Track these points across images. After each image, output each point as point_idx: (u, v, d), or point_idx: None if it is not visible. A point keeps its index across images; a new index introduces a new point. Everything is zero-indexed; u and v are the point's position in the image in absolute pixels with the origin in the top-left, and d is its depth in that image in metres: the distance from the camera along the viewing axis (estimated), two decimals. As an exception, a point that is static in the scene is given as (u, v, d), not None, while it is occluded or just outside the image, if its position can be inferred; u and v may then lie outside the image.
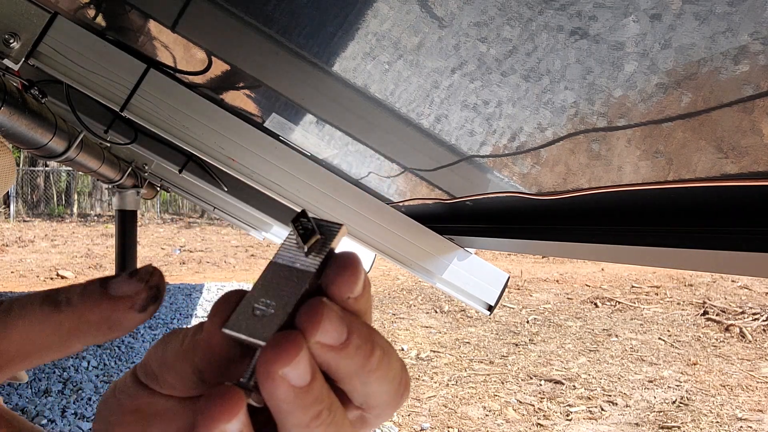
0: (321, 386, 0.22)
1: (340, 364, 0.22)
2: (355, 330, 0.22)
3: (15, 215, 16.22)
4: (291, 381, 0.21)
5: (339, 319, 0.22)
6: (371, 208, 1.37)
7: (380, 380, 0.23)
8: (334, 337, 0.21)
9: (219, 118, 1.26)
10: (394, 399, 0.24)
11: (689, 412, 3.88)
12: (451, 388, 4.29)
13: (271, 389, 0.20)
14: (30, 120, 1.86)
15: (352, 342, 0.22)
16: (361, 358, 0.22)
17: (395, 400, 0.24)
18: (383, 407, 0.24)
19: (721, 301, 6.53)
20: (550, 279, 8.40)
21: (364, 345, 0.22)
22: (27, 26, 1.06)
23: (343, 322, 0.22)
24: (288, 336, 0.21)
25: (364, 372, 0.22)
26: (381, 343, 0.23)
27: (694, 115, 0.46)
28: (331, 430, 0.22)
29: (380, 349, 0.23)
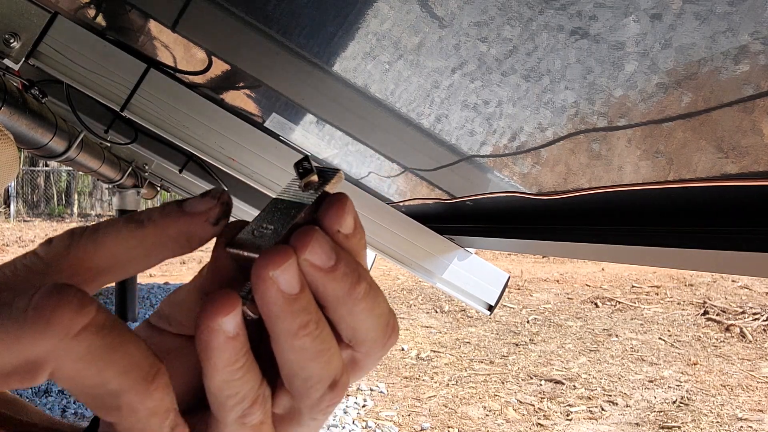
0: (309, 299, 0.24)
1: (327, 287, 0.24)
2: (343, 259, 0.24)
3: (15, 215, 16.22)
4: (280, 285, 0.23)
5: (327, 244, 0.24)
6: (371, 208, 1.37)
7: (366, 313, 0.25)
8: (322, 259, 0.24)
9: (219, 118, 1.26)
10: (381, 337, 0.26)
11: (689, 412, 3.88)
12: (452, 388, 4.29)
13: (263, 290, 0.23)
14: (30, 120, 1.86)
15: (339, 268, 0.24)
16: (347, 285, 0.24)
17: (382, 338, 0.26)
18: (371, 344, 0.26)
19: (721, 301, 6.52)
20: (550, 279, 8.40)
21: (351, 273, 0.24)
22: (27, 26, 1.06)
23: (331, 248, 0.24)
24: (280, 247, 0.23)
25: (350, 300, 0.24)
26: (368, 278, 0.25)
27: (695, 115, 0.46)
28: (318, 344, 0.24)
29: (367, 283, 0.25)
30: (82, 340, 0.21)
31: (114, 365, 0.21)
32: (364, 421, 3.66)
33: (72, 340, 0.20)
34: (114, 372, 0.21)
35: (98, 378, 0.21)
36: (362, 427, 3.58)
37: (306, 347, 0.24)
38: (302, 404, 0.26)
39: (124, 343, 0.22)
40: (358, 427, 3.57)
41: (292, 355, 0.24)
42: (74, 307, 0.20)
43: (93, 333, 0.21)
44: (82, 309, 0.21)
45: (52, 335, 0.20)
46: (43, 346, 0.20)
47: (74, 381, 0.21)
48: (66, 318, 0.20)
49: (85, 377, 0.21)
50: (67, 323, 0.20)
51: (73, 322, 0.20)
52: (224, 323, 0.23)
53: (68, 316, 0.20)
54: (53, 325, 0.20)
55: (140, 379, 0.22)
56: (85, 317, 0.21)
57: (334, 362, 0.25)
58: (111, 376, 0.21)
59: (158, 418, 0.22)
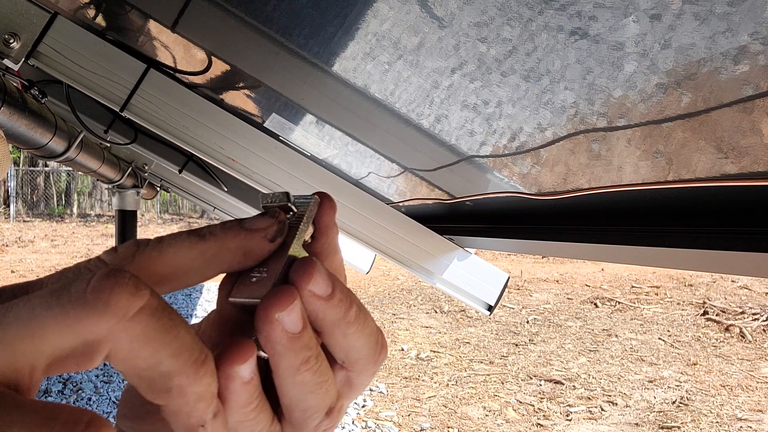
0: (310, 336, 0.25)
1: (326, 313, 0.26)
2: (337, 285, 0.26)
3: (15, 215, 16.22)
4: (285, 326, 0.24)
5: (326, 273, 0.26)
6: (371, 208, 1.37)
7: (358, 334, 0.27)
8: (322, 288, 0.26)
9: (219, 118, 1.26)
10: (372, 354, 0.28)
11: (689, 412, 3.88)
12: (451, 388, 4.29)
13: (268, 332, 0.24)
14: (30, 120, 1.86)
15: (336, 295, 0.26)
16: (342, 310, 0.26)
17: (373, 355, 0.28)
18: (363, 363, 0.28)
19: (721, 301, 6.53)
20: (550, 279, 8.40)
21: (345, 299, 0.26)
22: (27, 26, 1.06)
23: (329, 276, 0.26)
24: (283, 288, 0.25)
25: (344, 323, 0.26)
26: (357, 301, 0.27)
27: (694, 115, 0.46)
28: (317, 377, 0.26)
29: (357, 306, 0.27)
30: (139, 321, 0.21)
31: (167, 347, 0.22)
32: (363, 422, 3.66)
33: (129, 322, 0.21)
34: (167, 353, 0.22)
35: (152, 359, 0.22)
36: (362, 427, 3.58)
37: (306, 381, 0.26)
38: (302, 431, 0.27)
39: (176, 326, 0.22)
40: (357, 427, 3.57)
41: (294, 389, 0.26)
42: (130, 290, 0.21)
43: (148, 315, 0.22)
44: (137, 292, 0.21)
45: (111, 316, 0.21)
46: (103, 327, 0.21)
47: (129, 362, 0.22)
48: (123, 300, 0.21)
49: (140, 358, 0.22)
50: (124, 305, 0.21)
51: (131, 304, 0.21)
52: (241, 370, 0.24)
53: (125, 298, 0.21)
54: (112, 307, 0.21)
55: (191, 363, 0.22)
56: (140, 299, 0.21)
57: (330, 391, 0.27)
58: (164, 358, 0.22)
59: (204, 402, 0.23)
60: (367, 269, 2.52)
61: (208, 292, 7.07)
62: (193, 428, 0.23)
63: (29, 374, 0.21)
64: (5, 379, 0.20)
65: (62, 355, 0.21)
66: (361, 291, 7.80)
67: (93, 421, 0.20)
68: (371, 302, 7.13)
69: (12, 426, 0.18)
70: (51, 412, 0.19)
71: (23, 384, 0.21)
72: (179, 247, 0.26)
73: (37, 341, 0.20)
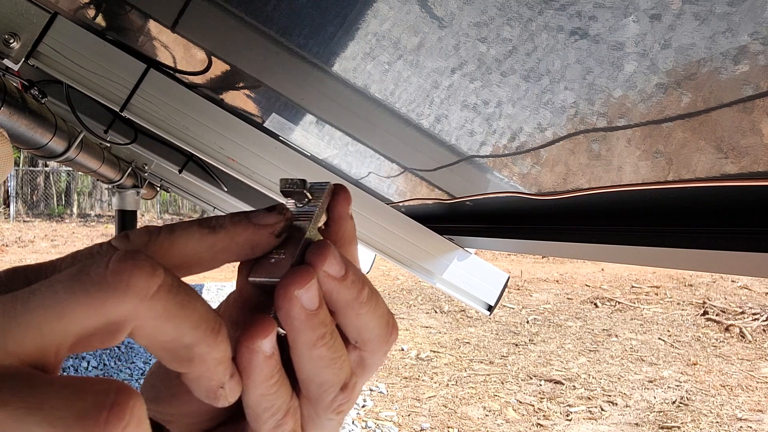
0: (326, 314, 0.27)
1: (340, 293, 0.27)
2: (351, 268, 0.28)
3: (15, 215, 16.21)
4: (303, 303, 0.26)
5: (340, 256, 0.27)
6: (371, 208, 1.37)
7: (370, 314, 0.28)
8: (336, 269, 0.27)
9: (219, 118, 1.26)
10: (384, 334, 0.29)
11: (689, 412, 3.88)
12: (451, 388, 4.29)
13: (288, 309, 0.26)
14: (30, 120, 1.86)
15: (349, 276, 0.27)
16: (355, 290, 0.28)
17: (385, 335, 0.29)
18: (376, 342, 0.29)
19: (721, 301, 6.53)
20: (550, 279, 8.40)
21: (357, 280, 0.28)
22: (27, 26, 1.06)
23: (342, 259, 0.27)
24: (301, 268, 0.27)
25: (357, 303, 0.28)
26: (370, 284, 0.28)
27: (694, 115, 0.46)
28: (332, 353, 0.27)
29: (369, 288, 0.28)
30: (159, 299, 0.23)
31: (187, 320, 0.23)
32: (363, 422, 3.66)
33: (150, 300, 0.22)
34: (188, 326, 0.24)
35: (175, 333, 0.23)
36: (362, 427, 3.58)
37: (322, 356, 0.27)
38: (318, 407, 0.29)
39: (192, 300, 0.24)
40: (357, 427, 3.57)
41: (310, 363, 0.27)
42: (149, 270, 0.23)
43: (167, 292, 0.23)
44: (155, 271, 0.23)
45: (133, 296, 0.22)
46: (126, 307, 0.22)
47: (152, 337, 0.23)
48: (143, 280, 0.22)
49: (163, 333, 0.23)
50: (144, 285, 0.22)
51: (150, 283, 0.22)
52: (263, 344, 0.26)
53: (145, 278, 0.22)
54: (133, 287, 0.22)
55: (209, 332, 0.24)
56: (159, 278, 0.23)
57: (345, 367, 0.28)
58: (185, 330, 0.23)
59: (223, 365, 0.25)
60: (367, 269, 2.52)
61: (208, 293, 7.06)
62: (213, 390, 0.25)
63: (55, 354, 0.22)
64: (33, 360, 0.21)
65: (87, 335, 0.22)
66: (361, 291, 7.80)
67: (121, 390, 0.21)
68: (371, 302, 7.13)
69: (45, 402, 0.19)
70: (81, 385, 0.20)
71: (50, 363, 0.22)
72: (190, 237, 0.27)
73: (65, 323, 0.21)
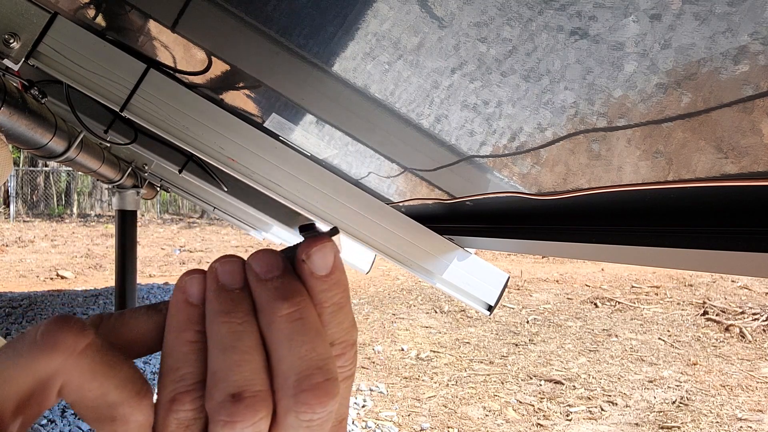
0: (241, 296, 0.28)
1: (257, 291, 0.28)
2: (281, 277, 0.28)
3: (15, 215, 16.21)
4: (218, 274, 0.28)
5: (273, 260, 0.28)
6: (371, 208, 1.37)
7: (286, 339, 0.27)
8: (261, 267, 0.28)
9: (219, 118, 1.26)
10: (293, 379, 0.27)
11: (689, 412, 3.88)
12: (451, 388, 4.29)
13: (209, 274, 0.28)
14: (30, 120, 1.86)
15: (273, 282, 0.28)
16: (272, 296, 0.27)
17: (294, 383, 0.27)
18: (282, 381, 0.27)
19: (721, 301, 6.53)
20: (550, 279, 8.40)
21: (282, 290, 0.27)
22: (27, 26, 1.06)
23: (276, 266, 0.28)
24: (232, 254, 0.29)
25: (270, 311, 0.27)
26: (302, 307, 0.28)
27: (694, 115, 0.46)
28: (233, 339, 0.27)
29: (295, 308, 0.28)
30: (86, 356, 0.25)
31: (113, 379, 0.25)
32: (363, 422, 3.66)
33: (78, 357, 0.24)
34: (113, 384, 0.25)
35: (100, 389, 0.25)
36: (362, 427, 3.58)
37: (222, 334, 0.27)
38: (208, 407, 0.26)
39: (120, 362, 0.26)
40: (357, 427, 3.57)
41: (210, 342, 0.27)
42: (76, 330, 0.25)
43: (94, 351, 0.25)
44: (82, 332, 0.25)
45: (60, 353, 0.24)
46: (54, 363, 0.24)
47: (79, 393, 0.25)
48: (70, 339, 0.24)
49: (89, 389, 0.25)
50: (72, 343, 0.24)
51: (77, 342, 0.24)
52: (188, 282, 0.28)
53: (72, 337, 0.24)
54: (60, 344, 0.24)
55: (134, 393, 0.25)
56: (86, 338, 0.25)
57: (245, 368, 0.26)
58: (110, 388, 0.25)
59: (143, 431, 0.26)
60: (367, 269, 2.52)
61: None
62: None
63: None
64: None
65: (24, 397, 0.24)
66: (361, 291, 7.80)
67: None
68: (371, 302, 7.13)
69: None
70: None
71: None
72: (138, 317, 0.29)
73: (2, 386, 0.24)
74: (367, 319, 6.27)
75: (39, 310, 5.95)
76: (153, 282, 7.97)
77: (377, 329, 5.89)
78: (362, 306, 6.92)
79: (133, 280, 5.39)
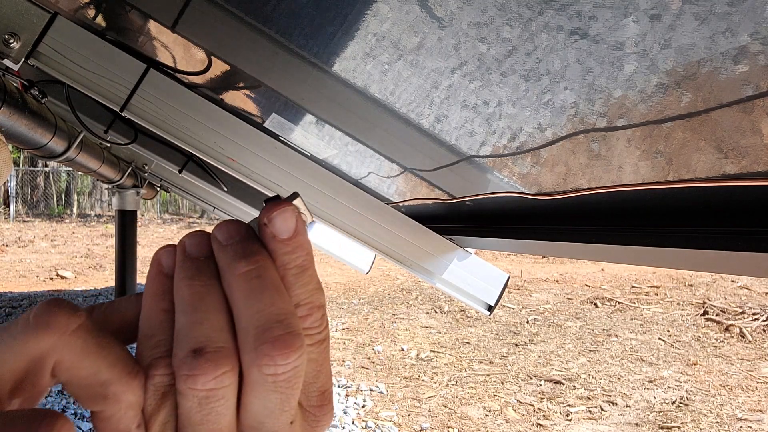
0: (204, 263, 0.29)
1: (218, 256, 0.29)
2: (237, 242, 0.29)
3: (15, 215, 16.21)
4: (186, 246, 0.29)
5: (230, 228, 0.29)
6: (371, 208, 1.37)
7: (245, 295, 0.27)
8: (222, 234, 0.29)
9: (219, 118, 1.26)
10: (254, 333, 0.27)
11: (689, 412, 3.88)
12: (451, 388, 4.29)
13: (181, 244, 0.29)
14: (30, 120, 1.86)
15: (231, 246, 0.28)
16: (229, 258, 0.28)
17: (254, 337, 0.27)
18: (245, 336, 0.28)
19: (721, 301, 6.53)
20: (550, 279, 8.40)
21: (238, 251, 0.28)
22: (27, 26, 1.06)
23: (231, 233, 0.29)
24: None
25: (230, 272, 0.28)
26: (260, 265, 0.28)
27: (694, 115, 0.46)
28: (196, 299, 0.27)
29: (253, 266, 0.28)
30: (78, 336, 0.25)
31: (105, 358, 0.26)
32: (363, 422, 3.66)
33: (70, 336, 0.25)
34: (105, 363, 0.26)
35: (93, 368, 0.25)
36: (362, 427, 3.58)
37: (185, 296, 0.28)
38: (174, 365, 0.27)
39: (111, 343, 0.26)
40: (357, 427, 3.57)
41: (176, 307, 0.28)
42: (68, 312, 0.25)
43: (86, 331, 0.26)
44: (74, 313, 0.26)
45: (53, 332, 0.25)
46: (47, 341, 0.25)
47: (72, 372, 0.25)
48: (62, 319, 0.25)
49: (82, 368, 0.25)
50: (64, 323, 0.25)
51: (69, 322, 0.25)
52: (162, 254, 0.29)
53: (64, 318, 0.25)
54: (53, 325, 0.25)
55: (125, 373, 0.26)
56: (78, 319, 0.26)
57: (206, 325, 0.27)
58: (103, 367, 0.26)
59: (134, 411, 0.26)
60: (367, 269, 2.52)
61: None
62: None
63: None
64: None
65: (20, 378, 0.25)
66: (361, 291, 7.80)
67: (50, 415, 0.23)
68: (371, 302, 7.13)
69: None
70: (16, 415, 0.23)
71: None
72: (128, 306, 0.30)
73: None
74: (367, 319, 6.27)
75: (39, 310, 5.95)
76: (153, 282, 7.96)
77: (377, 329, 5.89)
78: (362, 306, 6.92)
79: (133, 280, 5.38)
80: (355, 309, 6.75)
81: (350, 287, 7.97)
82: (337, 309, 6.74)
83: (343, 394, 4.10)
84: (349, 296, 7.46)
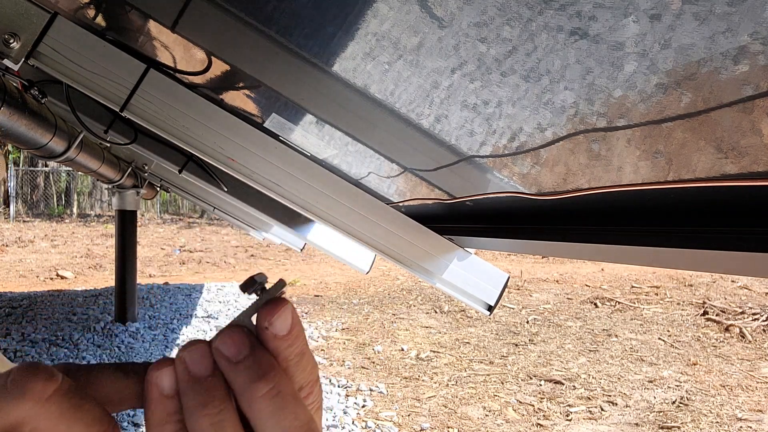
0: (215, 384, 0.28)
1: (231, 376, 0.28)
2: (252, 356, 0.29)
3: (15, 215, 16.21)
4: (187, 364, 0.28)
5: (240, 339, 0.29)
6: (371, 208, 1.37)
7: (268, 415, 0.28)
8: (231, 351, 0.29)
9: (219, 118, 1.26)
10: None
11: (689, 412, 3.88)
12: (451, 388, 4.29)
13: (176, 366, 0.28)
14: (30, 120, 1.86)
15: (245, 362, 0.28)
16: (248, 378, 0.28)
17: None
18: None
19: (721, 301, 6.53)
20: (550, 279, 8.40)
21: (255, 369, 0.28)
22: (27, 26, 1.06)
23: (244, 345, 0.29)
24: (196, 339, 0.29)
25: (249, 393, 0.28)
26: (278, 383, 0.29)
27: (694, 115, 0.46)
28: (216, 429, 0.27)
29: (273, 387, 0.28)
30: (54, 402, 0.25)
31: (80, 421, 0.26)
32: (363, 422, 3.65)
33: (46, 402, 0.25)
34: (81, 426, 0.26)
35: (70, 431, 0.26)
36: (362, 427, 3.58)
37: (203, 428, 0.27)
38: None
39: (86, 404, 0.27)
40: (357, 427, 3.57)
41: None
42: (44, 377, 0.26)
43: (61, 395, 0.26)
44: (50, 378, 0.26)
45: (29, 399, 0.25)
46: (23, 409, 0.25)
47: None
48: (39, 386, 0.25)
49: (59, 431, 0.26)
50: (40, 389, 0.25)
51: (45, 388, 0.25)
52: (159, 376, 0.28)
53: (40, 384, 0.25)
54: (29, 392, 0.25)
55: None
56: (53, 384, 0.26)
57: None
58: (80, 429, 0.26)
59: None
60: (367, 269, 2.52)
61: (208, 293, 7.07)
62: None
63: None
64: None
65: None
66: (361, 291, 7.80)
67: None
68: (371, 302, 7.13)
69: None
70: None
71: None
72: (105, 379, 0.29)
73: None
74: (367, 319, 6.27)
75: (39, 310, 5.95)
76: (153, 282, 7.97)
77: (377, 329, 5.89)
78: (362, 306, 6.92)
79: (132, 280, 5.39)
80: (355, 309, 6.75)
81: (350, 287, 7.97)
82: (337, 309, 6.74)
83: (343, 394, 4.10)
84: (349, 296, 7.46)
